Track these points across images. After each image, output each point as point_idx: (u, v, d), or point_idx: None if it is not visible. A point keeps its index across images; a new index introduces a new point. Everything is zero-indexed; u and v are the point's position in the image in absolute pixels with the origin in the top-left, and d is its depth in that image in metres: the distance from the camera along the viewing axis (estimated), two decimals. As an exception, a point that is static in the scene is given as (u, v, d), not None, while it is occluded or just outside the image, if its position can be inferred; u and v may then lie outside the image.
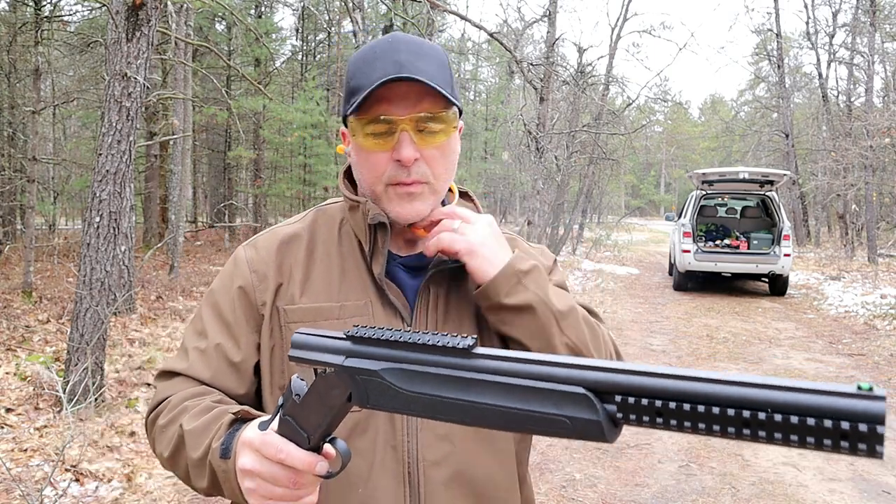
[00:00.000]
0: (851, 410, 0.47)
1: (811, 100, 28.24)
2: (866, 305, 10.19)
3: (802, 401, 0.49)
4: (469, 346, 0.66)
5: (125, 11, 4.64)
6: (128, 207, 4.80)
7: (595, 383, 0.58)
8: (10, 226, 14.08)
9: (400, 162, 0.95)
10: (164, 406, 1.01)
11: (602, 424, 0.58)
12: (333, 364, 0.75)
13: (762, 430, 0.50)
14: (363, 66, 0.96)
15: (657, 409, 0.55)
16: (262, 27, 15.64)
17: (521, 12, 39.21)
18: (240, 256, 1.07)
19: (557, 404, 0.60)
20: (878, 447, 0.47)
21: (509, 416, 0.63)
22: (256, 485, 0.80)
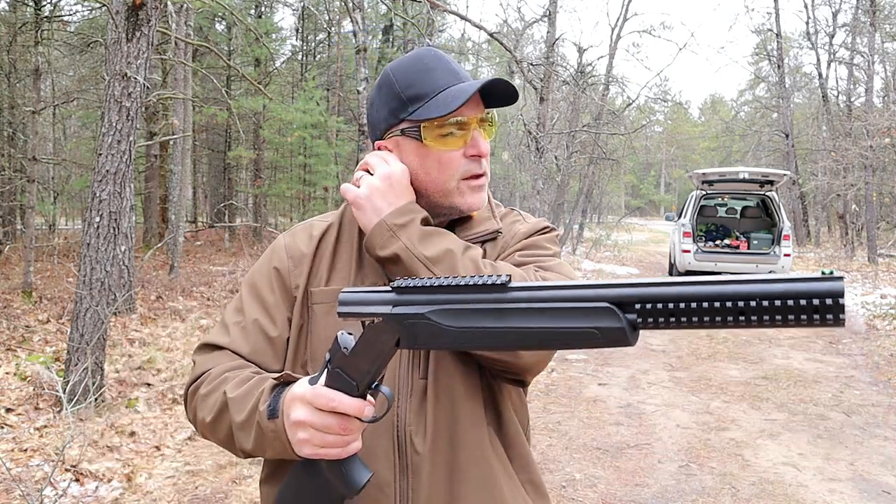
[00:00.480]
0: (819, 290, 0.61)
1: (811, 100, 28.24)
2: (866, 305, 10.19)
3: (783, 288, 0.63)
4: (505, 282, 0.77)
5: (125, 11, 4.64)
6: (128, 207, 4.80)
7: (617, 297, 0.71)
8: (10, 226, 14.08)
9: (476, 157, 1.07)
10: (205, 377, 1.08)
11: (625, 330, 0.71)
12: (382, 313, 0.83)
13: (754, 315, 0.63)
14: (421, 75, 1.06)
15: (670, 310, 0.68)
16: (262, 27, 15.64)
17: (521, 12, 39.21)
18: (278, 243, 1.18)
19: (587, 319, 0.72)
20: (841, 315, 0.61)
21: (547, 335, 0.75)
22: (310, 435, 0.89)
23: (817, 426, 4.99)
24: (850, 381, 6.27)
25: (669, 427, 4.92)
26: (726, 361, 6.99)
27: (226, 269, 12.28)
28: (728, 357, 7.19)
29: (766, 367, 6.76)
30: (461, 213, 1.12)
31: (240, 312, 1.14)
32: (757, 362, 6.96)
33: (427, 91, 1.04)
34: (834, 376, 6.42)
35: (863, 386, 6.11)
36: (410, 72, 1.06)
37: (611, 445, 4.49)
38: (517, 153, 16.69)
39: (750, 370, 6.62)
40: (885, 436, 4.78)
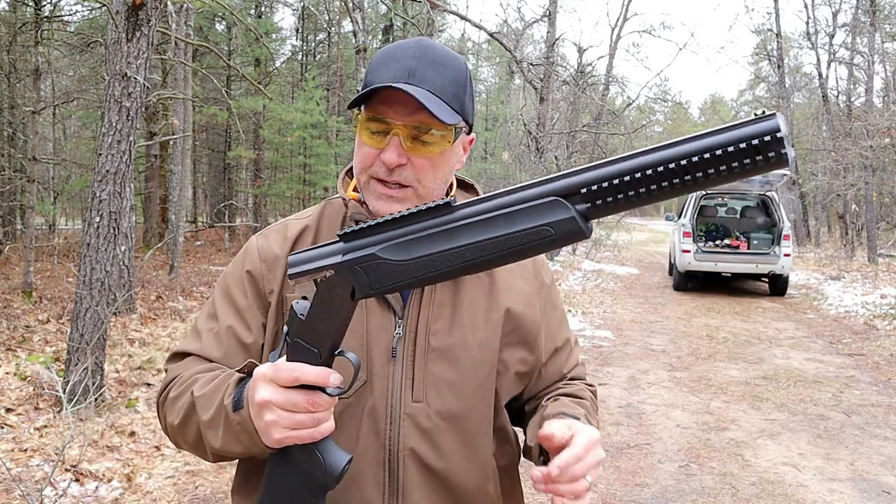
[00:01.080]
0: (756, 131, 0.62)
1: (811, 100, 28.24)
2: (866, 305, 10.18)
3: (723, 138, 0.63)
4: (450, 202, 0.75)
5: (125, 11, 4.64)
6: (128, 207, 4.80)
7: (562, 189, 0.70)
8: (10, 226, 14.09)
9: (384, 162, 0.99)
10: (176, 382, 1.05)
11: (576, 219, 0.70)
12: (332, 265, 0.79)
13: (699, 171, 0.64)
14: (381, 63, 1.00)
15: (616, 187, 0.67)
16: (262, 27, 15.64)
17: (521, 12, 39.20)
18: (251, 245, 1.13)
19: (537, 217, 0.71)
20: (783, 150, 0.61)
21: (502, 243, 0.72)
22: (277, 416, 0.82)
23: (817, 426, 4.99)
24: (850, 381, 6.27)
25: (669, 427, 4.92)
26: (726, 361, 6.99)
27: (225, 269, 12.27)
28: (728, 357, 7.19)
29: (766, 367, 6.76)
30: (372, 213, 1.04)
31: (213, 318, 1.10)
32: (757, 362, 6.96)
33: (373, 80, 0.98)
34: (834, 376, 6.42)
35: (863, 386, 6.11)
36: (379, 58, 1.02)
37: (611, 445, 4.49)
38: (517, 153, 16.68)
39: (750, 370, 6.62)
40: (885, 436, 4.78)
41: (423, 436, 1.01)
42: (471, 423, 1.04)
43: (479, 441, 1.05)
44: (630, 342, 7.93)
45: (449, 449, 1.03)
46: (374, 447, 1.01)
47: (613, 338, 8.17)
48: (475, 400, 1.05)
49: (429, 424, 1.02)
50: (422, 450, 1.01)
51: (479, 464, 1.05)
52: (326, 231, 1.11)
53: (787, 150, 0.61)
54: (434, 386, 1.03)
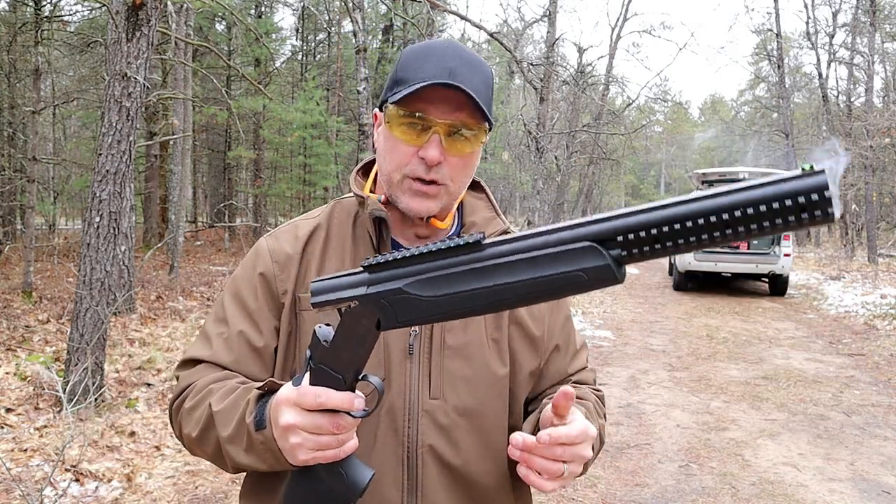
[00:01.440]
0: (802, 187, 0.58)
1: (811, 100, 28.23)
2: (866, 305, 10.19)
3: (767, 193, 0.59)
4: (479, 240, 0.73)
5: (125, 11, 4.64)
6: (128, 207, 4.80)
7: (597, 234, 0.68)
8: (10, 226, 14.09)
9: (424, 160, 0.99)
10: (190, 391, 1.03)
11: (611, 267, 0.68)
12: (357, 296, 0.79)
13: (740, 225, 0.61)
14: (415, 61, 1.00)
15: (654, 237, 0.65)
16: (262, 27, 15.64)
17: (521, 12, 39.20)
18: (262, 246, 1.11)
19: (571, 262, 0.69)
20: (830, 209, 0.57)
21: (533, 285, 0.71)
22: (302, 439, 0.83)
23: (817, 426, 4.99)
24: (850, 381, 6.27)
25: (669, 427, 4.92)
26: (726, 361, 6.99)
27: (226, 269, 12.28)
28: (728, 357, 7.19)
29: (766, 367, 6.76)
30: (403, 211, 1.05)
31: (223, 323, 1.08)
32: (757, 362, 6.96)
33: (409, 77, 0.98)
34: (834, 376, 6.42)
35: (863, 386, 6.11)
36: (412, 56, 1.02)
37: (611, 445, 4.49)
38: (517, 153, 16.69)
39: (750, 370, 6.62)
40: (885, 436, 4.78)
41: (441, 432, 1.02)
42: (486, 419, 1.05)
43: (494, 438, 1.06)
44: (630, 342, 7.93)
45: (466, 446, 1.03)
46: (392, 444, 1.01)
47: (613, 338, 8.17)
48: (490, 397, 1.06)
49: (446, 421, 1.02)
50: (440, 446, 1.02)
51: (496, 461, 1.06)
52: (337, 231, 1.11)
53: (833, 209, 0.58)
54: (450, 382, 1.04)
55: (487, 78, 1.03)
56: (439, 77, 0.96)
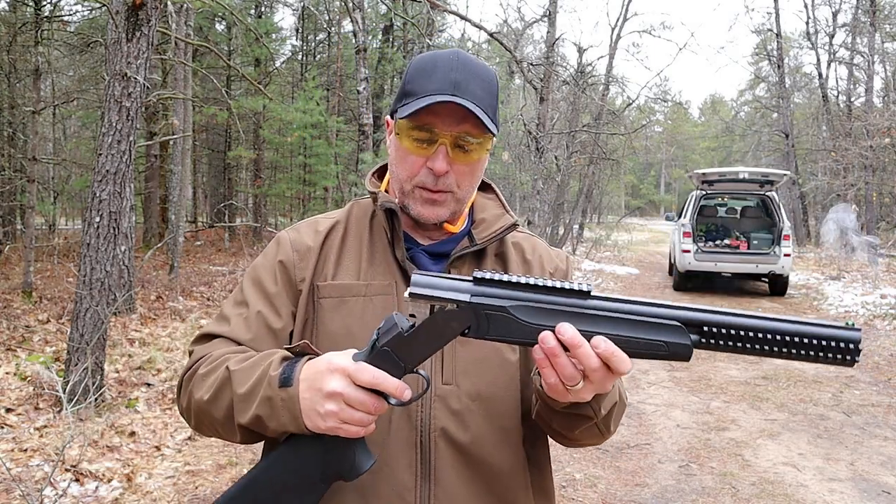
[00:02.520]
0: (845, 336, 0.81)
1: (811, 100, 28.23)
2: (866, 305, 10.18)
3: (818, 331, 0.81)
4: (588, 290, 0.84)
5: (125, 11, 4.64)
6: (128, 207, 4.80)
7: (687, 318, 0.84)
8: (10, 226, 14.09)
9: (432, 171, 1.05)
10: (204, 360, 1.05)
11: (690, 347, 0.83)
12: (459, 300, 0.85)
13: (794, 348, 0.81)
14: (422, 73, 1.06)
15: (729, 335, 0.82)
16: (262, 27, 15.64)
17: (521, 12, 39.20)
18: (283, 237, 1.17)
19: (658, 333, 0.84)
20: (857, 357, 0.81)
21: (620, 342, 0.83)
22: (340, 408, 0.86)
23: (817, 426, 4.99)
24: (850, 381, 6.27)
25: (669, 427, 4.92)
26: (726, 361, 6.99)
27: (226, 269, 12.28)
28: (728, 357, 7.19)
29: (766, 367, 6.76)
30: (415, 217, 1.10)
31: (242, 305, 1.12)
32: (757, 362, 6.96)
33: (416, 91, 1.04)
34: (834, 376, 6.42)
35: (863, 386, 6.11)
36: (420, 67, 1.07)
37: (611, 445, 4.49)
38: (517, 153, 16.69)
39: (750, 370, 6.62)
40: (885, 436, 4.78)
41: (454, 417, 1.04)
42: (499, 404, 1.07)
43: (507, 423, 1.07)
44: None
45: (479, 430, 1.05)
46: (405, 430, 1.03)
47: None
48: (503, 382, 1.08)
49: (459, 406, 1.04)
50: (452, 430, 1.04)
51: (510, 447, 1.08)
52: (355, 229, 1.17)
53: (858, 359, 0.81)
54: (463, 368, 1.06)
55: (492, 87, 1.08)
56: (444, 91, 1.02)
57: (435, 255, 1.14)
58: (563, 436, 1.08)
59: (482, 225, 1.17)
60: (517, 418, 1.09)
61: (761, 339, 0.81)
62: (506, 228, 1.15)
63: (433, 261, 1.13)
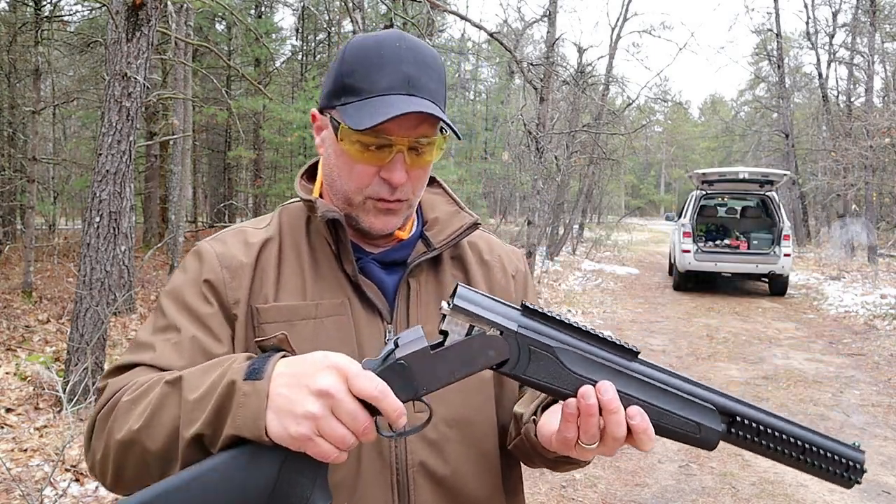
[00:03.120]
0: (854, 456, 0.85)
1: (811, 100, 28.23)
2: (866, 305, 10.18)
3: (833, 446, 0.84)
4: (637, 351, 0.81)
5: (125, 11, 4.64)
6: (128, 207, 4.80)
7: (724, 406, 0.82)
8: (10, 226, 14.09)
9: (387, 181, 0.92)
10: (126, 390, 0.84)
11: (719, 434, 0.81)
12: (505, 327, 0.77)
13: (809, 457, 0.83)
14: (366, 65, 0.91)
15: (756, 430, 0.81)
16: (262, 27, 15.64)
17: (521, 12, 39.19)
18: (206, 251, 0.98)
19: (693, 412, 0.81)
20: (859, 479, 0.87)
21: (656, 413, 0.80)
22: (322, 413, 0.69)
23: (817, 426, 4.98)
24: (850, 381, 6.27)
25: (669, 427, 4.92)
26: (726, 361, 6.98)
27: (226, 269, 12.26)
28: (728, 357, 7.18)
29: (766, 367, 6.76)
30: (365, 230, 0.97)
31: (168, 330, 0.92)
32: (757, 362, 6.95)
33: (363, 88, 0.90)
34: (834, 376, 6.42)
35: (863, 386, 6.11)
36: (362, 57, 0.91)
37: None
38: (517, 153, 16.69)
39: (750, 370, 6.62)
40: (885, 436, 4.78)
41: (432, 448, 0.93)
42: (477, 428, 0.98)
43: (486, 446, 0.99)
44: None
45: (459, 459, 0.95)
46: (378, 468, 0.91)
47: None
48: (479, 404, 0.98)
49: (435, 435, 0.93)
50: (431, 463, 0.93)
51: (489, 472, 0.99)
52: (290, 240, 1.00)
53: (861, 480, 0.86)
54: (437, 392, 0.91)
55: (441, 74, 0.95)
56: (398, 89, 0.89)
57: (387, 264, 1.00)
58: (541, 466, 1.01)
59: (436, 226, 1.05)
60: (495, 441, 1.00)
61: (788, 443, 0.81)
62: (466, 229, 1.03)
63: (387, 271, 1.00)
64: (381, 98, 0.88)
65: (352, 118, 0.89)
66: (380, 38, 0.93)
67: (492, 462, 0.99)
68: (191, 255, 1.00)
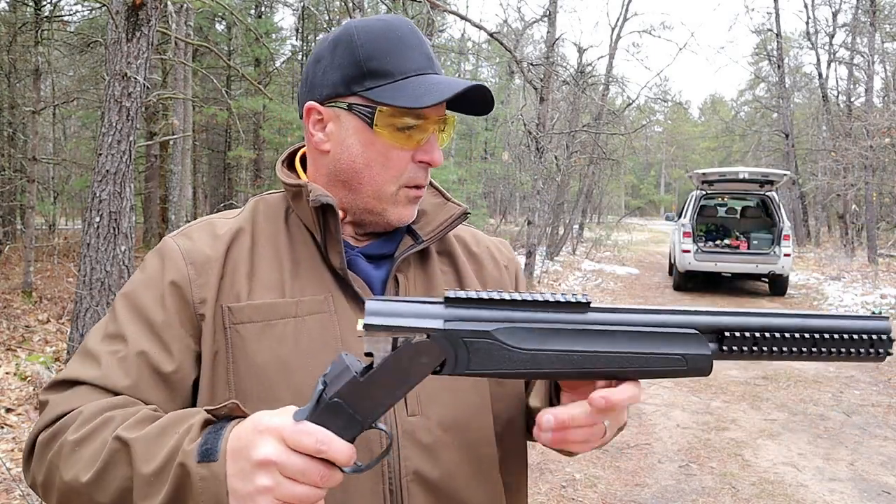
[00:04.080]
0: (876, 327, 0.72)
1: (811, 100, 28.23)
2: (866, 305, 10.18)
3: (847, 324, 0.72)
4: (588, 301, 0.71)
5: (125, 11, 4.64)
6: (128, 207, 4.80)
7: (705, 325, 0.72)
8: (10, 226, 14.09)
9: (426, 164, 0.90)
10: (71, 419, 0.79)
11: (710, 358, 0.72)
12: (430, 328, 0.69)
13: (823, 346, 0.71)
14: (388, 49, 0.87)
15: (754, 339, 0.71)
16: (262, 27, 15.64)
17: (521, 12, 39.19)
18: (170, 247, 0.91)
19: (673, 344, 0.71)
20: (890, 350, 0.72)
21: (633, 359, 0.70)
22: (274, 482, 0.66)
23: (817, 426, 4.99)
24: (850, 381, 6.27)
25: (669, 427, 4.92)
26: (726, 361, 6.99)
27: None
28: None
29: (766, 367, 6.76)
30: (387, 225, 0.93)
31: (116, 339, 0.85)
32: (757, 362, 6.96)
33: (394, 70, 0.85)
34: (834, 376, 6.42)
35: (863, 386, 6.11)
36: (380, 40, 0.87)
37: (611, 445, 4.49)
38: (517, 153, 16.69)
39: (750, 370, 6.62)
40: (885, 436, 4.78)
41: (426, 453, 0.87)
42: (473, 431, 0.92)
43: (483, 451, 0.92)
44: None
45: (454, 464, 0.89)
46: (370, 479, 0.84)
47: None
48: (476, 404, 0.92)
49: (430, 439, 0.87)
50: (427, 470, 0.87)
51: (487, 476, 0.93)
52: (267, 232, 0.94)
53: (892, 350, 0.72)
54: (429, 394, 0.88)
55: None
56: (426, 68, 0.88)
57: (374, 258, 0.95)
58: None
59: (423, 218, 0.98)
60: (492, 443, 0.93)
61: (793, 340, 0.71)
62: (455, 219, 0.97)
63: (374, 265, 0.94)
64: (417, 78, 0.86)
65: (400, 98, 0.85)
66: (384, 21, 0.90)
67: (489, 465, 0.93)
68: (152, 253, 0.93)
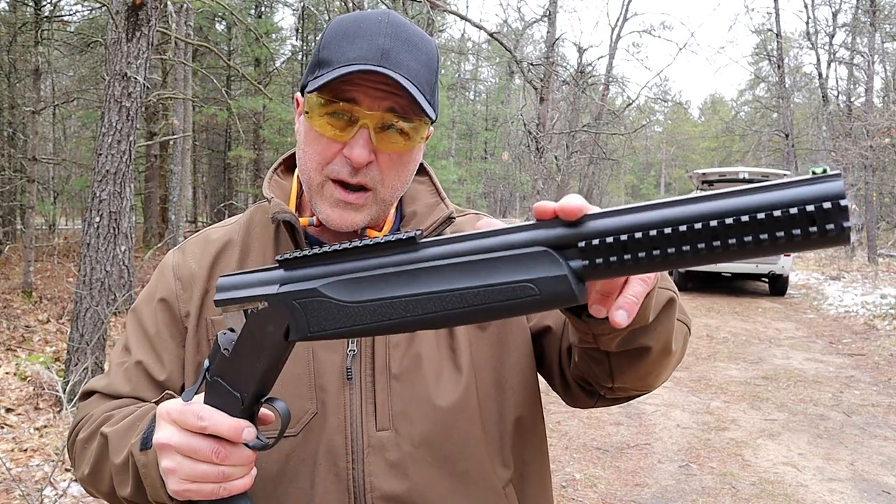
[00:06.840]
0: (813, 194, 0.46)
1: (811, 100, 28.24)
2: (866, 305, 10.19)
3: (765, 198, 0.48)
4: (414, 237, 0.60)
5: (125, 11, 4.64)
6: (128, 207, 4.81)
7: (555, 238, 0.55)
8: (10, 226, 14.09)
9: (349, 159, 0.83)
10: (84, 422, 0.91)
11: (568, 278, 0.54)
12: (266, 295, 0.66)
13: (732, 237, 0.48)
14: (342, 38, 0.83)
15: (624, 245, 0.51)
16: (262, 27, 15.65)
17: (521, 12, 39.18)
18: (166, 263, 0.97)
19: (519, 270, 0.55)
20: (846, 224, 0.45)
21: (471, 297, 0.57)
22: (175, 463, 0.70)
23: (817, 426, 4.99)
24: (850, 381, 6.27)
25: (669, 427, 4.92)
26: (726, 361, 6.99)
27: (226, 269, 12.27)
28: (728, 357, 7.19)
29: (766, 367, 6.76)
30: (323, 223, 0.88)
31: (126, 351, 0.95)
32: (757, 362, 6.96)
33: (335, 58, 0.82)
34: (834, 376, 6.42)
35: (863, 386, 6.11)
36: (340, 31, 0.84)
37: (611, 445, 4.49)
38: (517, 153, 16.71)
39: (750, 370, 6.62)
40: (885, 436, 4.78)
41: (394, 471, 0.83)
42: (452, 446, 0.86)
43: (466, 466, 0.86)
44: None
45: (429, 480, 0.84)
46: (335, 493, 0.82)
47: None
48: (454, 417, 0.86)
49: (397, 456, 0.84)
50: (394, 488, 0.83)
51: (474, 491, 0.87)
52: (258, 242, 0.94)
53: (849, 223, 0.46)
54: (402, 408, 0.85)
55: (430, 58, 0.85)
56: (369, 60, 0.80)
57: None
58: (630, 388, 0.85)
59: (413, 220, 0.95)
60: (480, 458, 0.87)
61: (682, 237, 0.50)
62: (440, 224, 0.93)
63: None
64: (346, 66, 0.80)
65: (313, 84, 0.83)
66: (364, 13, 0.86)
67: (478, 477, 0.87)
68: (158, 268, 0.99)
